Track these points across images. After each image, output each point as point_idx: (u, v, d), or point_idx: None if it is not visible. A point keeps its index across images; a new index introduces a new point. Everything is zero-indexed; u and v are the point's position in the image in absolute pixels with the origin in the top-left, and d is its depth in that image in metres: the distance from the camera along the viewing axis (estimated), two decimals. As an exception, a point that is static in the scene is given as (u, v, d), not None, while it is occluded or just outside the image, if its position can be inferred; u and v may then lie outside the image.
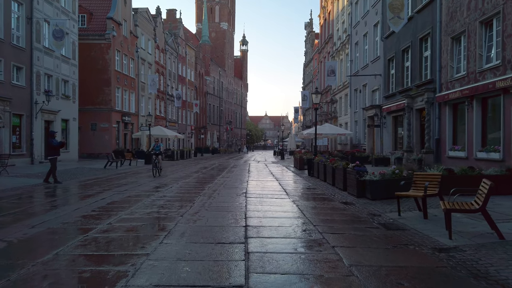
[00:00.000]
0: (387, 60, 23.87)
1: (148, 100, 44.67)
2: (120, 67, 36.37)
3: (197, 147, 62.29)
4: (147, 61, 43.92)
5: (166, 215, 7.80)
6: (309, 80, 57.89)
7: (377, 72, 25.54)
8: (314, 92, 17.17)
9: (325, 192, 11.52)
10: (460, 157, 15.16)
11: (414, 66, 19.81)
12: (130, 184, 13.28)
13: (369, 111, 26.50)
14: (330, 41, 41.70)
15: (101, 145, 34.26)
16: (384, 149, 24.29)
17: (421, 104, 18.71)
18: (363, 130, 29.54)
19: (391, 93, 22.96)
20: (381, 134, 24.89)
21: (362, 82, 29.12)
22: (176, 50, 55.72)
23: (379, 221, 7.31)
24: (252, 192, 11.19)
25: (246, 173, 19.17)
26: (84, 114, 34.00)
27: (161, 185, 13.22)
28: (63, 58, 27.32)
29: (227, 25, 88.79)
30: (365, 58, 29.18)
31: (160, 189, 11.87)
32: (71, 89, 28.46)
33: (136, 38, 40.38)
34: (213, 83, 77.87)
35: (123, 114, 36.95)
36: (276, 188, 12.58)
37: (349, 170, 10.60)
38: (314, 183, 14.14)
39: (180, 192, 11.10)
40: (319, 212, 8.37)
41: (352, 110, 32.62)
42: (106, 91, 34.72)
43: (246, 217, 7.55)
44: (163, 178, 16.00)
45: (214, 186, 12.80)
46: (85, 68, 34.10)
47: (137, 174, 18.45)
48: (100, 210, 8.30)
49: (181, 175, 17.50)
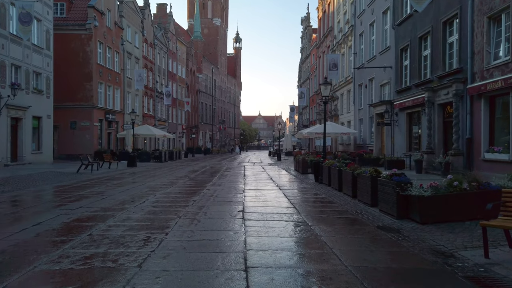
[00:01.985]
0: (399, 50, 21.19)
1: (135, 97, 41.63)
2: (103, 61, 33.34)
3: (188, 147, 59.33)
4: (134, 55, 40.89)
5: (115, 263, 4.76)
6: (306, 77, 55.20)
7: (387, 64, 22.87)
8: (323, 83, 14.44)
9: (348, 209, 8.75)
10: (501, 160, 12.48)
11: (435, 55, 17.13)
12: (92, 197, 10.38)
13: (378, 108, 23.82)
14: (330, 34, 39.01)
15: (81, 145, 31.21)
16: (395, 150, 21.63)
17: (445, 98, 16.03)
18: (369, 129, 26.87)
19: (405, 87, 20.29)
20: (391, 133, 22.21)
21: (369, 76, 26.44)
22: (166, 45, 52.70)
23: (462, 269, 4.55)
24: (251, 211, 8.35)
25: (241, 179, 16.35)
26: (62, 112, 31.01)
27: (133, 197, 10.34)
28: (35, 47, 24.28)
29: (220, 21, 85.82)
30: (371, 50, 26.50)
31: (128, 206, 8.95)
32: (45, 83, 25.42)
33: (121, 30, 37.36)
34: (206, 81, 74.87)
35: (107, 112, 33.93)
36: (281, 202, 9.75)
37: (383, 181, 7.83)
38: (327, 193, 11.36)
39: (153, 212, 8.17)
40: (357, 249, 5.54)
41: (356, 107, 29.93)
42: (88, 87, 31.69)
43: (246, 267, 4.65)
44: (139, 187, 13.14)
45: (202, 200, 9.93)
46: (64, 61, 31.09)
47: (111, 180, 15.55)
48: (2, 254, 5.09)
49: (164, 182, 14.63)
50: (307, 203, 10.05)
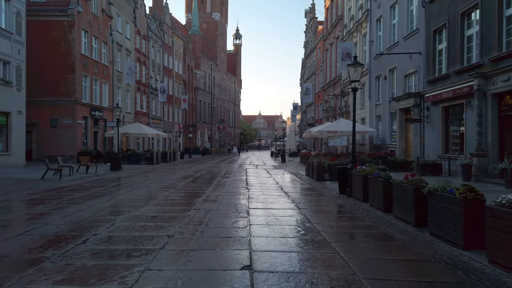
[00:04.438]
0: (431, 31, 17.72)
1: (127, 92, 38.14)
2: (88, 51, 29.86)
3: (185, 147, 55.82)
4: (125, 47, 37.39)
5: None
6: (311, 72, 51.70)
7: (414, 50, 19.40)
8: (352, 63, 10.88)
9: (424, 251, 5.30)
10: None
11: (486, 33, 13.65)
12: (13, 227, 6.89)
13: (403, 102, 20.35)
14: (339, 23, 35.52)
15: (63, 146, 27.79)
16: (426, 151, 18.15)
17: (504, 86, 12.56)
18: (390, 127, 23.40)
19: (441, 75, 16.82)
20: (420, 131, 18.75)
21: (389, 66, 22.96)
22: (161, 38, 49.20)
23: None
24: (265, 267, 4.66)
25: (243, 189, 12.83)
26: (42, 108, 27.62)
27: (74, 229, 6.70)
28: (2, 31, 20.80)
29: (219, 16, 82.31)
30: (391, 36, 23.03)
31: (52, 252, 5.21)
32: (15, 73, 21.91)
33: (110, 18, 33.86)
34: (204, 78, 71.34)
35: (93, 108, 30.45)
36: (310, 241, 6.09)
37: (499, 209, 4.35)
38: (374, 217, 7.78)
39: (82, 274, 4.38)
40: None
41: (372, 103, 26.44)
42: (70, 79, 28.22)
43: None
44: (102, 204, 9.65)
45: (183, 237, 6.12)
46: (44, 51, 27.70)
47: (74, 192, 12.06)
48: None
49: (140, 196, 11.09)
50: (353, 239, 6.51)
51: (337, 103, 36.60)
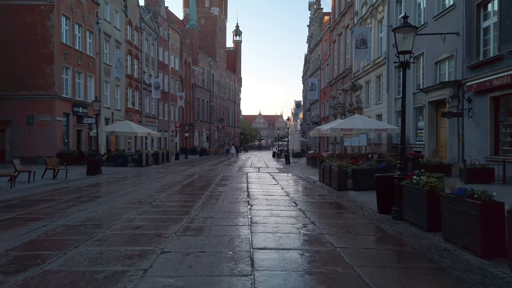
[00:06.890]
0: (474, 6, 14.44)
1: (116, 87, 34.85)
2: (70, 40, 26.58)
3: (182, 147, 52.54)
4: (114, 38, 34.08)
5: None
6: (316, 67, 48.42)
7: (447, 30, 16.12)
8: (400, 26, 7.61)
9: None
10: None
11: None
12: None
13: (434, 93, 17.08)
14: (349, 10, 32.22)
15: (41, 146, 24.60)
16: (466, 152, 14.86)
17: None
18: (415, 124, 20.11)
19: (490, 58, 13.53)
20: (459, 129, 15.46)
21: (413, 53, 19.61)
22: (156, 30, 45.91)
23: None
24: None
25: (243, 207, 9.45)
26: (16, 104, 24.50)
27: None
28: (-43, 10, 17.54)
29: (218, 10, 78.99)
30: (417, 17, 19.75)
31: None
32: (-25, 61, 18.61)
33: (96, 5, 30.59)
34: (202, 75, 68.04)
35: (76, 104, 27.16)
36: None
37: None
38: (470, 269, 4.60)
39: None
40: None
41: (390, 97, 23.14)
42: (48, 71, 24.93)
43: None
44: (20, 236, 6.39)
45: None
46: (18, 39, 24.52)
47: (12, 210, 8.80)
48: None
49: (96, 218, 7.73)
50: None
51: (346, 98, 33.29)
